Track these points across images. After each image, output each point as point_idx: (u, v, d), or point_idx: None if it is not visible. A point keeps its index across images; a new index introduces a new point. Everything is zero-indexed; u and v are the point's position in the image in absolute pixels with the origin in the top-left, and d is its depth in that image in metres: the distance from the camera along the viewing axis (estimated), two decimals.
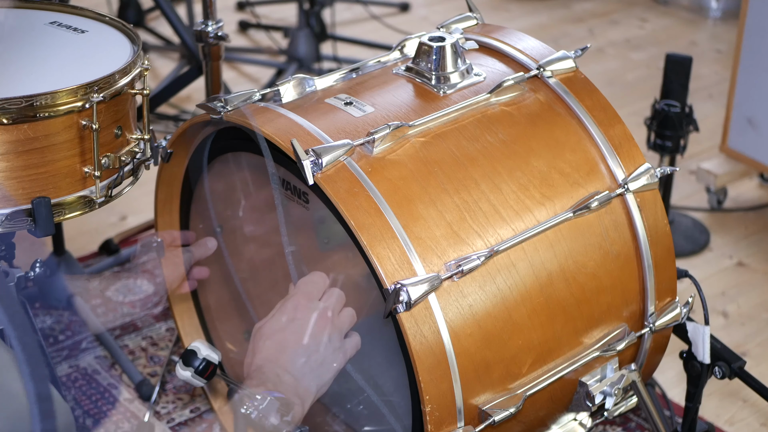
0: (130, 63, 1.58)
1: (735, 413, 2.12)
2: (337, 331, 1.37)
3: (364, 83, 1.65)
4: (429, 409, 1.38)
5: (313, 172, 1.41)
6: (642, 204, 1.57)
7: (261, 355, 1.31)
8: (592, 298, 1.53)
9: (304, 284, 1.38)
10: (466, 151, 1.50)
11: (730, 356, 1.74)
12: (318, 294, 1.38)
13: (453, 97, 1.58)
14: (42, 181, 1.50)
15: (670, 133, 2.52)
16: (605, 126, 1.60)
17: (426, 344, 1.36)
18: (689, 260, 2.63)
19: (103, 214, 1.81)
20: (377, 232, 1.37)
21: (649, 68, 3.74)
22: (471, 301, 1.41)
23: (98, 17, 1.74)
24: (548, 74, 1.63)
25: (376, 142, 1.45)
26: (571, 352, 1.53)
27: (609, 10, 4.32)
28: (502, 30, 1.76)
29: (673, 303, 1.63)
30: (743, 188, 2.95)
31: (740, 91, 2.72)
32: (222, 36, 2.04)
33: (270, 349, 1.31)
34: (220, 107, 1.56)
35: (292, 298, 1.37)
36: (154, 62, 3.58)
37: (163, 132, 2.98)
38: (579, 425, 1.62)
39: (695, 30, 4.14)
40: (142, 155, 1.67)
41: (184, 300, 1.90)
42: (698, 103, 3.09)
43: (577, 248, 1.52)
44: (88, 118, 1.50)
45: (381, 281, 1.36)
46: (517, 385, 1.48)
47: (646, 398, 1.64)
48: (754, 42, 2.66)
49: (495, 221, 1.46)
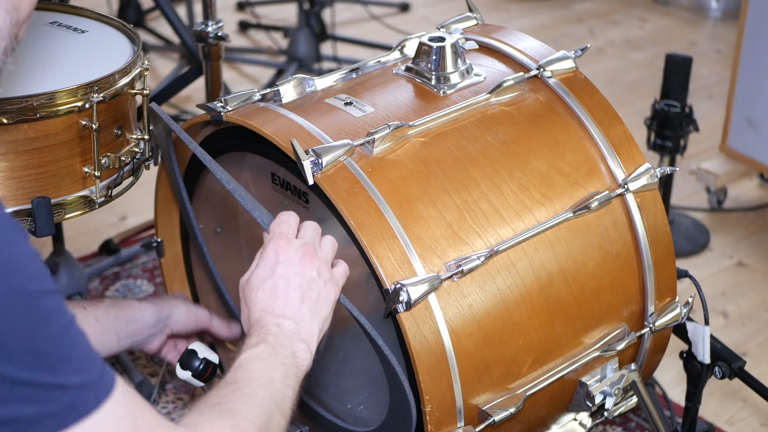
0: (130, 63, 1.58)
1: (735, 413, 2.12)
2: (324, 262, 1.31)
3: (364, 83, 1.65)
4: (429, 409, 1.38)
5: (313, 172, 1.41)
6: (642, 204, 1.57)
7: (256, 308, 1.26)
8: (592, 298, 1.53)
9: (277, 226, 1.31)
10: (466, 151, 1.50)
11: (730, 356, 1.74)
12: (294, 232, 1.32)
13: (453, 97, 1.58)
14: (42, 181, 1.50)
15: (670, 133, 2.52)
16: (605, 126, 1.60)
17: (426, 344, 1.36)
18: (689, 260, 2.63)
19: (103, 214, 1.81)
20: (377, 232, 1.37)
21: (649, 68, 3.74)
22: (471, 301, 1.41)
23: (98, 17, 1.74)
24: (548, 74, 1.63)
25: (376, 142, 1.45)
26: (571, 352, 1.53)
27: (609, 10, 4.31)
28: (502, 30, 1.76)
29: (673, 303, 1.63)
30: (743, 188, 2.95)
31: (740, 91, 2.72)
32: (222, 36, 2.04)
33: (263, 299, 1.26)
34: (220, 107, 1.56)
35: (270, 243, 1.30)
36: (154, 62, 3.57)
37: None
38: (579, 425, 1.62)
39: (695, 30, 4.14)
40: (142, 155, 1.67)
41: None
42: (698, 103, 3.09)
43: (577, 248, 1.52)
44: (88, 118, 1.51)
45: (381, 281, 1.36)
46: (517, 385, 1.48)
47: (646, 398, 1.64)
48: (754, 42, 2.66)
49: (495, 221, 1.46)
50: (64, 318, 0.87)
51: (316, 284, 1.28)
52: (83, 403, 0.85)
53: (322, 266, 1.31)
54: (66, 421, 0.84)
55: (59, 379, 0.84)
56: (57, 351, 0.84)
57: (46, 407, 0.83)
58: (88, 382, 0.86)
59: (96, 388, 0.87)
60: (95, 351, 0.88)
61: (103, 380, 0.88)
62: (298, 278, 1.27)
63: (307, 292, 1.27)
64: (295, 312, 1.25)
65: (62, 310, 0.87)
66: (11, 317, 0.81)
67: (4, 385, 0.81)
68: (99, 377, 0.87)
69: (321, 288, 1.29)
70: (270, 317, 1.24)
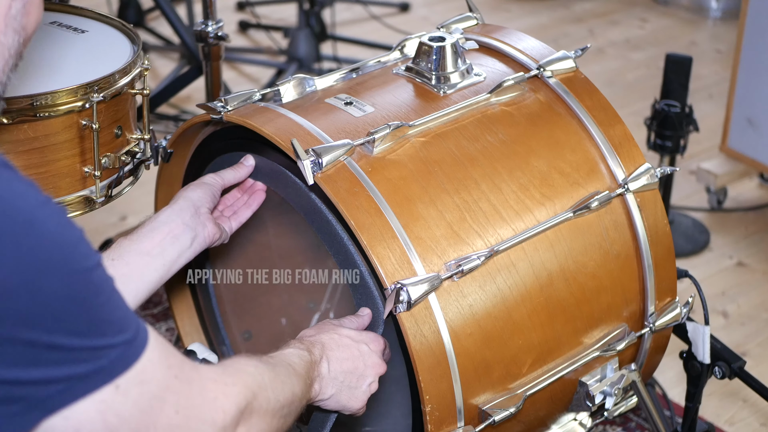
0: (130, 63, 1.58)
1: (735, 413, 2.12)
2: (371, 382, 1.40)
3: (364, 83, 1.65)
4: (429, 408, 1.38)
5: (313, 171, 1.41)
6: (642, 204, 1.57)
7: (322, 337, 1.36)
8: (592, 298, 1.53)
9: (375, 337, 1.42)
10: (466, 151, 1.50)
11: (730, 356, 1.74)
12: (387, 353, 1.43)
13: (453, 97, 1.58)
14: (42, 180, 1.50)
15: (670, 133, 2.52)
16: (605, 126, 1.60)
17: (426, 344, 1.36)
18: (689, 260, 2.63)
19: (103, 214, 1.81)
20: (377, 232, 1.37)
21: (649, 68, 3.74)
22: (471, 301, 1.41)
23: (98, 17, 1.74)
24: (548, 74, 1.63)
25: (376, 141, 1.45)
26: (571, 352, 1.53)
27: (609, 10, 4.32)
28: (502, 30, 1.76)
29: (673, 303, 1.63)
30: (743, 188, 2.95)
31: (740, 91, 2.72)
32: (222, 36, 2.05)
33: (332, 340, 1.36)
34: (220, 107, 1.56)
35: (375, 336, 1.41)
36: (154, 62, 3.58)
37: (163, 132, 2.97)
38: (579, 425, 1.62)
39: (695, 30, 4.14)
40: (142, 155, 1.67)
41: (184, 300, 1.90)
42: (698, 103, 3.09)
43: (577, 248, 1.52)
44: (88, 118, 1.51)
45: (381, 281, 1.36)
46: (517, 385, 1.48)
47: (646, 398, 1.64)
48: (754, 42, 2.66)
49: (495, 221, 1.46)
50: (109, 286, 0.97)
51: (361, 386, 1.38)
52: (126, 356, 0.96)
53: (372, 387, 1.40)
54: (113, 375, 0.95)
55: (107, 341, 0.94)
56: (105, 317, 0.95)
57: (95, 365, 0.94)
58: (129, 338, 0.96)
59: (135, 342, 0.97)
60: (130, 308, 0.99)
61: (140, 334, 0.98)
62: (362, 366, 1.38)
63: (353, 379, 1.37)
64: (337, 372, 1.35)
65: (107, 279, 0.97)
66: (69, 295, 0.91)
67: (60, 352, 0.91)
68: (137, 332, 0.98)
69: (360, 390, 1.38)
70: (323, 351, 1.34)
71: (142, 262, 1.40)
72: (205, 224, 1.47)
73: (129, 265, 1.39)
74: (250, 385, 1.13)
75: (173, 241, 1.43)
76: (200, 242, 1.47)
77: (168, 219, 1.44)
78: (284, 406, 1.19)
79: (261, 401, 1.14)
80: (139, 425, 0.99)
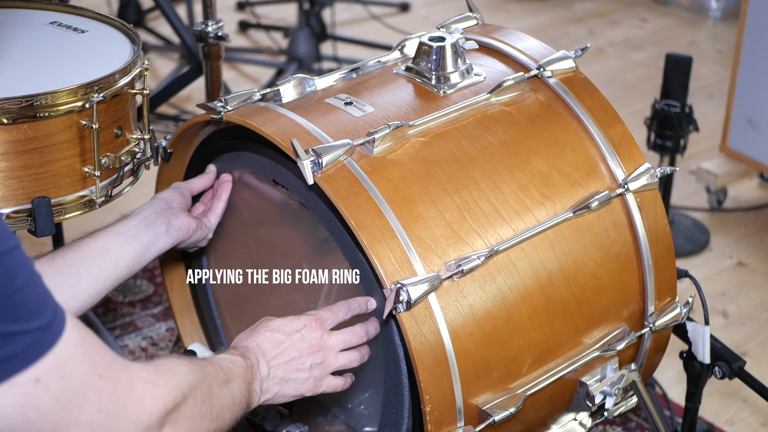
0: (130, 63, 1.58)
1: (735, 413, 2.12)
2: (323, 367, 1.41)
3: (364, 83, 1.65)
4: (429, 408, 1.38)
5: (313, 171, 1.41)
6: (642, 204, 1.57)
7: (255, 340, 1.38)
8: (592, 297, 1.53)
9: (326, 309, 1.44)
10: (466, 151, 1.50)
11: (730, 356, 1.74)
12: (331, 323, 1.43)
13: (453, 97, 1.58)
14: (42, 181, 1.50)
15: (670, 133, 2.52)
16: (605, 126, 1.60)
17: (426, 344, 1.36)
18: (689, 260, 2.63)
19: (103, 214, 1.80)
20: (377, 232, 1.37)
21: (649, 68, 3.75)
22: (471, 301, 1.41)
23: (98, 17, 1.74)
24: (548, 74, 1.63)
25: (376, 141, 1.45)
26: (571, 352, 1.53)
27: (609, 10, 4.32)
28: (502, 30, 1.76)
29: (673, 303, 1.63)
30: (743, 188, 2.95)
31: (740, 91, 2.72)
32: (222, 36, 2.04)
33: (266, 340, 1.38)
34: (220, 107, 1.56)
35: (310, 317, 1.42)
36: (154, 62, 3.58)
37: (163, 132, 2.97)
38: (579, 425, 1.62)
39: (695, 30, 4.14)
40: (142, 155, 1.67)
41: (184, 300, 1.90)
42: (698, 103, 3.09)
43: (577, 248, 1.52)
44: (88, 118, 1.50)
45: (381, 281, 1.36)
46: (517, 385, 1.48)
47: (646, 398, 1.64)
48: (754, 42, 2.66)
49: (495, 221, 1.46)
50: (26, 270, 0.95)
51: (302, 373, 1.40)
52: (41, 342, 0.95)
53: (319, 368, 1.41)
54: (27, 361, 0.94)
55: (21, 326, 0.93)
56: (20, 301, 0.94)
57: (7, 351, 0.93)
58: (44, 324, 0.95)
59: (51, 329, 0.96)
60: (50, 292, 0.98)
61: (57, 320, 0.97)
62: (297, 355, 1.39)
63: (292, 370, 1.39)
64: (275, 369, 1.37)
65: (24, 263, 0.95)
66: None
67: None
68: (53, 318, 0.97)
69: (302, 377, 1.40)
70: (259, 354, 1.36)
71: (118, 240, 1.48)
72: (178, 214, 1.56)
73: (106, 241, 1.47)
74: (181, 385, 1.13)
75: (147, 226, 1.51)
76: (176, 230, 1.54)
77: (140, 210, 1.54)
78: (214, 408, 1.20)
79: (190, 402, 1.14)
80: (59, 421, 0.98)
